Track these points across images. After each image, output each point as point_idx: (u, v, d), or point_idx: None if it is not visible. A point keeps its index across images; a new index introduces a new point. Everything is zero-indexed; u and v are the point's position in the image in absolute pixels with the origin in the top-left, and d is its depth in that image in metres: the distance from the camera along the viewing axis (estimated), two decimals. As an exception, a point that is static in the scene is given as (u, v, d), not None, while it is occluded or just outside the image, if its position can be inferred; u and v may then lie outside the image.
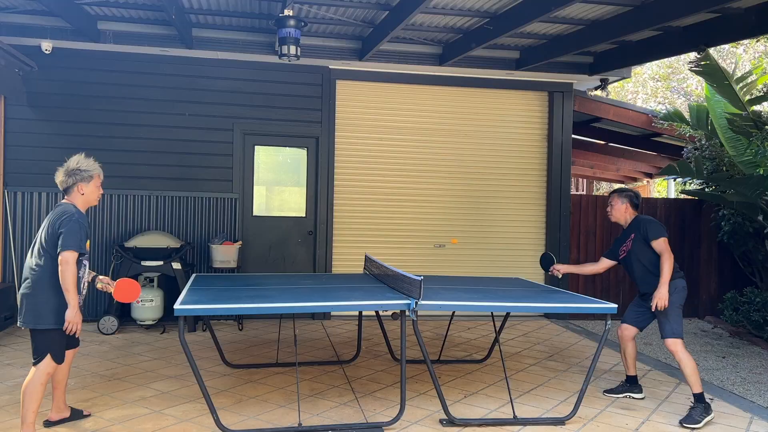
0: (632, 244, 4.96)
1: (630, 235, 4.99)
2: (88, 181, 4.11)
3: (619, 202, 5.11)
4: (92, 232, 7.47)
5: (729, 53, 16.06)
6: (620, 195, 5.13)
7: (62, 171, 4.11)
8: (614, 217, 5.15)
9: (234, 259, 7.29)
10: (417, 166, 8.31)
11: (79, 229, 3.92)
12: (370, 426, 4.26)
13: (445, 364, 5.96)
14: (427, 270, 8.17)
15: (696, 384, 4.60)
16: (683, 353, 4.62)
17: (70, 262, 3.85)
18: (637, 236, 4.93)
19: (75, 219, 3.93)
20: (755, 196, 6.79)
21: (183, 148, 7.69)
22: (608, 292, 8.70)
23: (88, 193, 4.13)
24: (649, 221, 4.93)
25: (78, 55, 7.41)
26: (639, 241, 4.91)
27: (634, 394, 5.14)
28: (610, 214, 5.17)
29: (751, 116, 6.49)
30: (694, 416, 4.49)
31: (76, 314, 3.89)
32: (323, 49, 7.55)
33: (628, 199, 5.09)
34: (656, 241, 4.78)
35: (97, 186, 4.18)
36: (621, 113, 9.51)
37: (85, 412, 4.37)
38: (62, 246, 3.85)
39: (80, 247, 3.91)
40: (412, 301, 4.23)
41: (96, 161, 4.20)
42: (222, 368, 5.61)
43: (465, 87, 8.39)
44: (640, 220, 4.99)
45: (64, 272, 3.84)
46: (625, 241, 5.03)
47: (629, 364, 5.17)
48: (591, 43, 6.82)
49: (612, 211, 5.15)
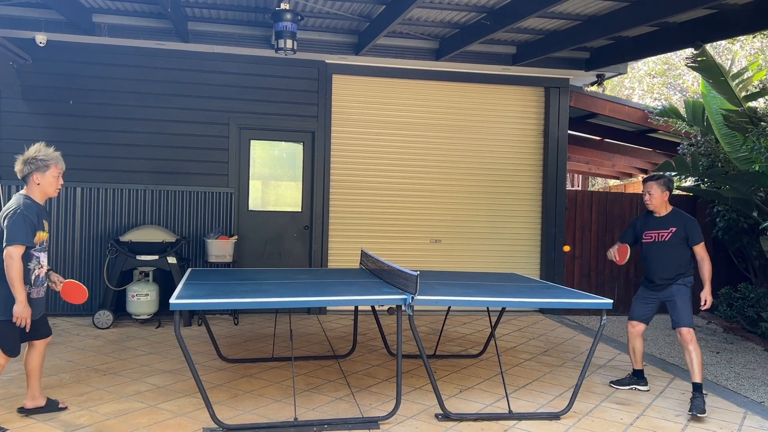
0: (671, 237, 4.97)
1: (669, 228, 4.98)
2: (44, 171, 3.99)
3: (659, 189, 5.00)
4: (86, 225, 7.44)
5: (725, 49, 16.08)
6: (659, 183, 5.00)
7: (20, 160, 4.01)
8: (653, 205, 5.04)
9: (229, 253, 7.28)
10: (413, 161, 8.30)
11: (23, 222, 3.83)
12: (366, 420, 4.27)
13: (441, 359, 5.97)
14: (423, 265, 8.17)
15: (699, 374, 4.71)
16: (696, 343, 4.78)
17: (13, 257, 3.78)
18: (679, 231, 4.95)
19: (20, 212, 3.85)
20: (750, 192, 6.81)
21: (178, 142, 7.66)
22: (603, 287, 8.73)
23: (45, 183, 4.01)
24: (695, 224, 4.98)
25: (73, 48, 7.37)
26: (680, 239, 4.96)
27: (640, 387, 5.21)
28: (649, 202, 5.04)
29: (747, 112, 6.50)
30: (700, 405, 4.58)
31: (24, 308, 3.84)
32: (320, 43, 7.53)
33: (667, 187, 5.01)
34: (699, 246, 4.94)
35: (54, 176, 4.04)
36: (617, 109, 9.52)
37: (61, 404, 4.34)
38: (6, 240, 3.79)
39: (26, 240, 3.84)
40: (408, 296, 4.23)
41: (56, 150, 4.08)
42: (218, 363, 5.60)
43: (461, 82, 8.38)
44: (685, 219, 5.00)
45: (9, 267, 3.78)
46: (660, 230, 5.00)
47: (637, 359, 5.25)
48: (587, 39, 6.82)
49: (651, 199, 5.02)
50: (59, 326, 6.88)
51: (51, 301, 7.34)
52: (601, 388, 5.24)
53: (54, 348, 5.96)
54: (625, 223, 8.80)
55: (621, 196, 8.98)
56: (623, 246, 5.33)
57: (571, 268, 8.65)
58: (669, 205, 5.10)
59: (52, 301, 7.34)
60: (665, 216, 5.06)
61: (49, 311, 7.28)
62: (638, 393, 5.13)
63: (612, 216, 8.79)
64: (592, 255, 8.73)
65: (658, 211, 5.09)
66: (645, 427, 4.38)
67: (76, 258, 7.42)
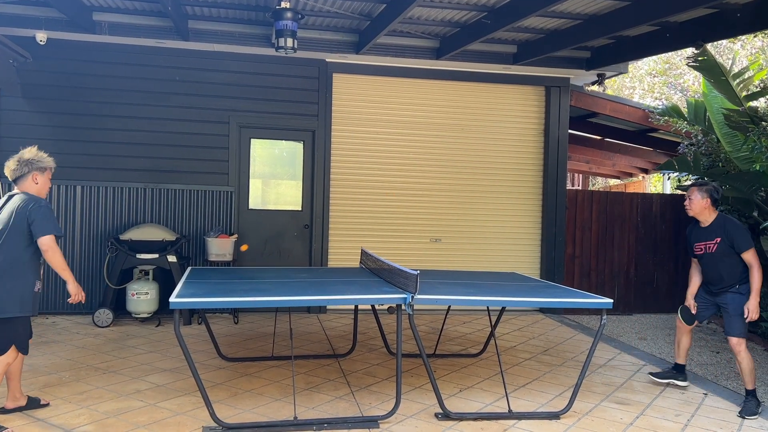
0: (717, 247, 4.88)
1: (714, 238, 4.89)
2: (42, 172, 4.18)
3: (699, 196, 4.94)
4: (86, 224, 7.44)
5: (726, 49, 16.07)
6: (700, 189, 4.95)
7: (14, 160, 4.13)
8: (693, 211, 4.98)
9: (229, 252, 7.27)
10: (413, 160, 8.30)
11: (52, 213, 4.04)
12: (366, 419, 4.27)
13: (441, 358, 5.97)
14: (423, 264, 8.17)
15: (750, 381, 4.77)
16: (746, 352, 4.78)
17: (52, 245, 3.96)
18: (723, 241, 4.85)
19: (45, 205, 4.03)
20: (751, 192, 6.80)
21: (179, 140, 7.65)
22: (603, 287, 8.72)
23: (42, 183, 4.18)
24: (737, 228, 4.84)
25: (73, 46, 7.36)
26: (725, 247, 4.85)
27: (678, 381, 5.25)
28: (689, 208, 4.99)
29: (748, 112, 6.48)
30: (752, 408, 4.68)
31: (78, 286, 4.13)
32: (320, 42, 7.52)
33: (708, 194, 4.91)
34: (746, 253, 4.77)
35: (48, 179, 4.23)
36: (617, 108, 9.51)
37: (42, 401, 4.34)
38: (42, 231, 3.94)
39: (59, 230, 4.02)
40: (409, 296, 4.23)
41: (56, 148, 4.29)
42: (217, 361, 5.60)
43: (462, 81, 8.37)
44: (727, 226, 4.87)
45: (52, 256, 3.96)
46: (706, 240, 4.93)
47: (681, 354, 5.29)
48: (588, 38, 6.81)
49: (691, 205, 4.97)
50: (59, 324, 6.88)
51: (51, 299, 7.34)
52: (601, 387, 5.23)
53: (54, 346, 5.96)
54: (626, 223, 8.81)
55: (621, 195, 8.97)
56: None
57: (571, 268, 8.65)
58: (714, 211, 4.97)
59: (52, 300, 7.35)
60: (710, 225, 4.96)
61: (49, 309, 7.33)
62: (638, 393, 5.13)
63: (612, 216, 8.79)
64: (592, 254, 8.72)
65: (701, 220, 5.01)
66: (645, 426, 4.38)
67: (76, 256, 7.42)
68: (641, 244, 8.83)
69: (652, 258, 8.84)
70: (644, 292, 8.85)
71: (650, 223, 8.86)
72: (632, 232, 8.83)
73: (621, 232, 8.81)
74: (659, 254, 8.90)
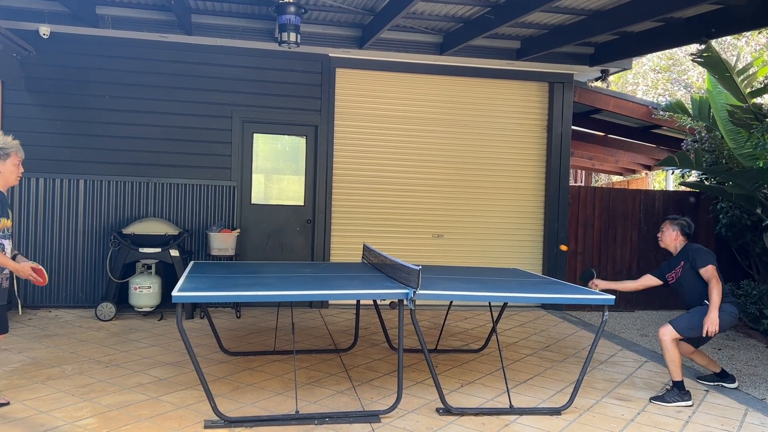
0: (681, 272, 5.12)
1: (680, 263, 5.14)
2: (4, 159, 3.98)
3: (670, 229, 5.26)
4: (89, 218, 7.45)
5: (730, 45, 16.01)
6: (672, 222, 5.27)
7: None
8: (663, 242, 5.30)
9: (232, 246, 7.28)
10: (416, 156, 8.29)
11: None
12: (367, 414, 4.28)
13: (442, 354, 5.98)
14: (425, 260, 8.17)
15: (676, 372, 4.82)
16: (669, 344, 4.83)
17: None
18: (686, 264, 5.08)
19: None
20: (754, 188, 6.79)
21: (181, 135, 7.66)
22: (605, 283, 8.70)
23: (6, 171, 4.00)
24: (698, 250, 5.07)
25: (76, 40, 7.36)
26: (688, 270, 5.06)
27: (726, 384, 5.27)
28: (660, 239, 5.33)
29: (752, 109, 6.47)
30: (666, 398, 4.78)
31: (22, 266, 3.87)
32: (323, 36, 7.51)
33: (680, 228, 5.22)
34: (704, 269, 4.93)
35: (15, 164, 4.04)
36: (621, 104, 9.49)
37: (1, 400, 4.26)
38: None
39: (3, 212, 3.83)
40: (410, 291, 4.23)
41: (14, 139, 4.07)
42: (219, 355, 5.62)
43: (465, 77, 8.36)
44: (689, 249, 5.12)
45: None
46: (675, 268, 5.18)
47: (709, 367, 5.34)
48: (592, 34, 6.79)
49: (662, 236, 5.30)
50: (62, 318, 6.91)
51: (54, 293, 7.37)
52: (602, 383, 5.24)
53: (57, 339, 5.98)
54: (628, 219, 8.80)
55: (624, 192, 8.96)
56: None
57: (573, 264, 8.64)
58: (683, 242, 5.23)
59: (55, 293, 7.37)
60: (677, 254, 5.22)
61: (52, 303, 7.36)
62: (639, 389, 5.13)
63: (615, 212, 8.78)
64: (595, 251, 8.71)
65: (671, 250, 5.28)
66: (646, 422, 4.38)
67: (78, 250, 7.43)
68: (643, 241, 8.82)
69: (654, 255, 8.83)
70: (646, 289, 8.82)
71: (653, 220, 8.85)
72: (634, 229, 8.82)
73: (623, 228, 8.80)
74: (661, 251, 8.84)
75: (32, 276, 3.92)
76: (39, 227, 7.33)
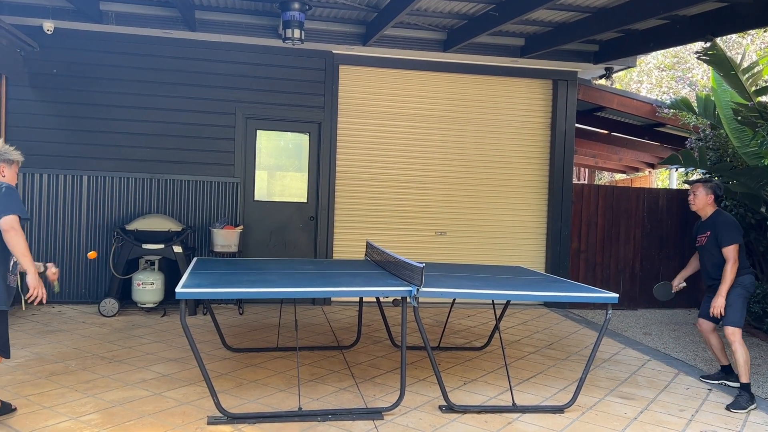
0: (707, 240, 5.04)
1: (706, 231, 5.06)
2: (9, 165, 3.87)
3: (703, 192, 5.10)
4: (92, 214, 7.47)
5: (735, 43, 15.95)
6: (705, 185, 5.12)
7: None
8: (696, 206, 5.15)
9: (235, 243, 7.29)
10: (419, 153, 8.28)
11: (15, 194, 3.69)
12: (370, 411, 4.28)
13: (445, 351, 5.98)
14: (428, 257, 8.17)
15: (744, 374, 4.77)
16: (739, 343, 4.79)
17: (14, 226, 3.56)
18: (712, 234, 5.00)
19: (6, 186, 3.70)
20: (758, 187, 6.76)
21: (185, 131, 7.66)
22: (608, 281, 8.71)
23: (9, 177, 3.86)
24: (725, 224, 4.96)
25: (80, 35, 7.36)
26: (712, 240, 5.00)
27: (730, 382, 5.23)
28: (692, 202, 5.16)
29: (757, 107, 6.44)
30: (741, 402, 4.68)
31: (38, 280, 3.69)
32: (327, 33, 7.50)
33: (712, 191, 5.08)
34: (726, 248, 4.88)
35: (15, 173, 3.93)
36: (625, 102, 9.46)
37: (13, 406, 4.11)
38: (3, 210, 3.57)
39: (22, 210, 3.66)
40: (414, 288, 4.23)
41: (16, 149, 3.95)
42: (222, 352, 5.62)
43: (469, 74, 8.34)
44: (718, 220, 5.02)
45: (12, 238, 3.56)
46: (702, 233, 5.10)
47: (718, 355, 5.29)
48: (596, 32, 6.77)
49: (694, 200, 5.14)
50: (65, 314, 6.92)
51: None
52: (605, 382, 5.23)
53: (60, 335, 6.00)
54: (632, 217, 8.78)
55: (628, 190, 8.94)
56: None
57: (576, 262, 8.63)
58: (714, 207, 5.11)
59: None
60: (707, 219, 5.12)
61: (55, 299, 7.37)
62: (642, 387, 5.13)
63: (618, 210, 8.76)
64: (598, 249, 8.70)
65: (702, 215, 5.17)
66: (649, 421, 4.38)
67: (82, 246, 7.44)
68: (647, 239, 8.81)
69: (657, 253, 8.82)
70: (649, 287, 8.82)
71: (656, 218, 8.83)
72: (638, 227, 8.80)
73: (627, 226, 8.78)
74: (665, 249, 8.88)
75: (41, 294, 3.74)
76: (42, 223, 7.34)
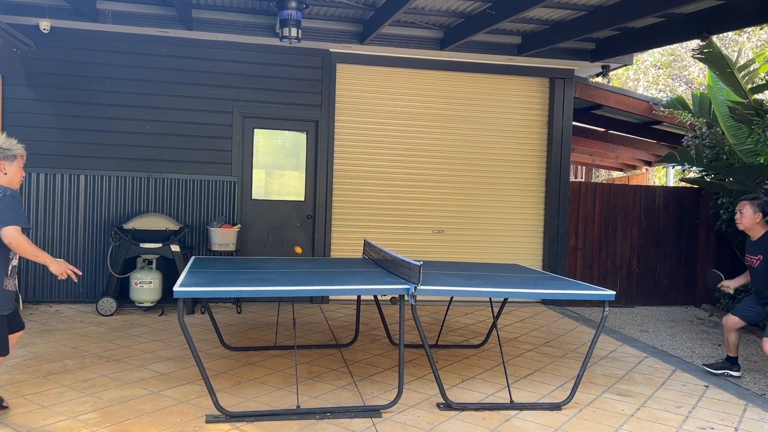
0: (759, 263, 4.86)
1: (758, 255, 4.86)
2: (11, 161, 3.83)
3: (750, 210, 4.92)
4: (90, 213, 7.46)
5: (731, 41, 15.98)
6: (752, 203, 4.94)
7: None
8: (743, 225, 4.98)
9: (232, 242, 7.29)
10: (417, 151, 8.29)
11: (17, 204, 3.70)
12: (368, 409, 4.29)
13: (443, 349, 5.99)
14: (426, 255, 8.18)
15: None
16: None
17: (15, 236, 3.61)
18: (765, 258, 4.82)
19: (9, 194, 3.71)
20: (755, 184, 6.79)
21: (182, 130, 7.65)
22: (605, 279, 8.73)
23: (12, 173, 3.83)
24: None
25: (77, 34, 7.35)
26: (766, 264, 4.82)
27: (732, 372, 5.30)
28: (739, 222, 4.99)
29: (753, 105, 6.47)
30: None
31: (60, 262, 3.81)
32: (324, 32, 7.50)
33: (760, 208, 4.87)
34: None
35: (19, 167, 3.89)
36: (622, 100, 9.48)
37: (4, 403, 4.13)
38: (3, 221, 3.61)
39: (23, 221, 3.69)
40: (411, 286, 4.24)
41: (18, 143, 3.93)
42: (220, 350, 5.63)
43: (466, 72, 8.35)
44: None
45: (18, 246, 3.63)
46: (754, 255, 4.91)
47: (731, 348, 5.33)
48: (593, 30, 6.78)
49: (741, 219, 4.98)
50: (63, 313, 6.92)
51: (54, 287, 7.37)
52: (602, 379, 5.25)
53: (58, 334, 5.99)
54: (629, 215, 8.80)
55: (624, 188, 8.96)
56: None
57: (573, 260, 8.65)
58: (765, 226, 4.94)
59: (56, 288, 7.37)
60: (758, 240, 4.96)
61: (53, 298, 7.37)
62: (639, 384, 5.15)
63: (615, 208, 8.78)
64: (595, 247, 8.72)
65: (751, 234, 5.01)
66: (646, 418, 4.39)
67: (79, 245, 7.44)
68: (644, 237, 8.83)
69: (654, 251, 8.84)
70: (646, 284, 8.86)
71: (653, 216, 8.86)
72: (635, 225, 8.82)
73: (623, 224, 8.80)
74: (662, 247, 8.90)
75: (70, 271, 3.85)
76: (40, 223, 7.33)
